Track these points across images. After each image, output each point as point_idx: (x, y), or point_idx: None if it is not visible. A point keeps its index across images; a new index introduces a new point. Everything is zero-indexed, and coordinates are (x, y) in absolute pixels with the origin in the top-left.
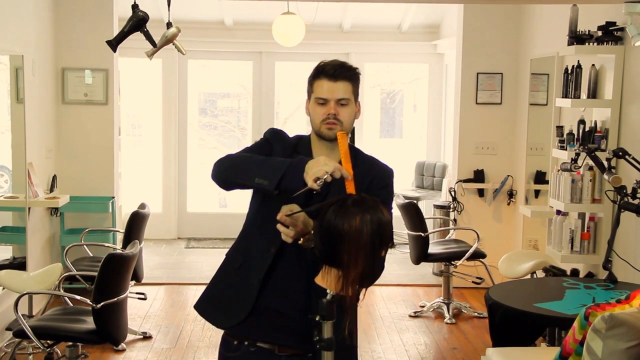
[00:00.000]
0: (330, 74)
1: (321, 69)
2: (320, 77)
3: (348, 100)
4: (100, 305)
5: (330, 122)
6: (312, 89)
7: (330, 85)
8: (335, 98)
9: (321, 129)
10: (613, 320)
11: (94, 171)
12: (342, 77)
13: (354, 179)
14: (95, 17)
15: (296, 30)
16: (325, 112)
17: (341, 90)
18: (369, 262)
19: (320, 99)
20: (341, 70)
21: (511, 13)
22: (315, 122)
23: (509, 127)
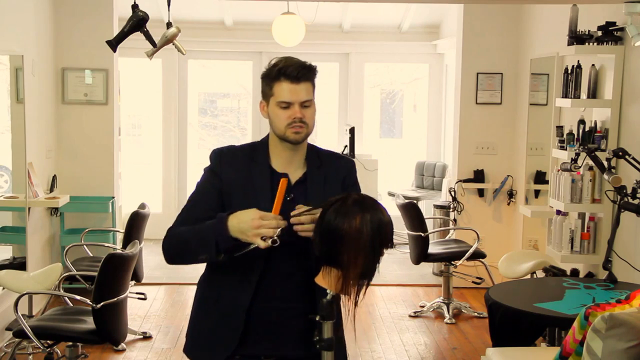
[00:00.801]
0: (293, 76)
1: (282, 71)
2: (281, 79)
3: (311, 101)
4: (100, 305)
5: (297, 125)
6: (272, 91)
7: (293, 88)
8: (299, 101)
9: (287, 133)
10: (613, 320)
11: (94, 171)
12: (305, 78)
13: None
14: (95, 17)
15: (296, 30)
16: (290, 116)
17: (304, 92)
18: (369, 262)
19: (283, 103)
20: (304, 72)
21: (511, 13)
22: (279, 127)
23: (509, 127)
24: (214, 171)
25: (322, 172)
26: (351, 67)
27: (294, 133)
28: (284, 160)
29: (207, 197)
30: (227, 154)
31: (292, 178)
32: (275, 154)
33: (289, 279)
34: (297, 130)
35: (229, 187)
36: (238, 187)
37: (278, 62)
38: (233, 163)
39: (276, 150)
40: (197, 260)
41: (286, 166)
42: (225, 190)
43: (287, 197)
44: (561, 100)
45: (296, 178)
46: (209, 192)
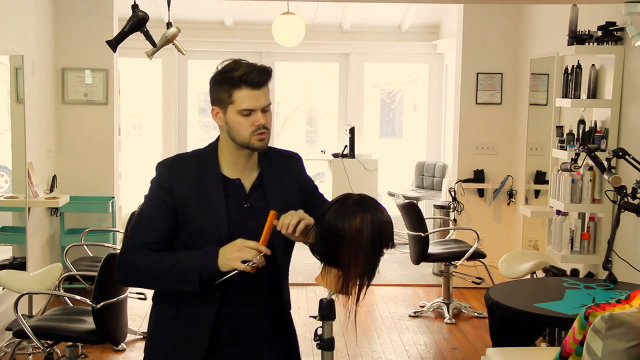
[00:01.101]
0: (256, 82)
1: (243, 79)
2: (241, 87)
3: (270, 105)
4: (100, 305)
5: (262, 132)
6: (232, 99)
7: (255, 94)
8: (261, 107)
9: (252, 141)
10: (613, 320)
11: (94, 171)
12: (264, 83)
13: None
14: (95, 17)
15: (296, 30)
16: (253, 123)
17: (264, 97)
18: (369, 262)
19: (245, 111)
20: (264, 77)
21: (511, 13)
22: (242, 135)
23: (509, 127)
24: (163, 187)
25: (275, 172)
26: (351, 67)
27: (258, 140)
28: (238, 167)
29: (161, 216)
30: (175, 167)
31: (246, 183)
32: (228, 162)
33: (251, 285)
34: (262, 137)
35: (183, 201)
36: (192, 199)
37: (234, 67)
38: (183, 175)
39: (230, 158)
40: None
41: (239, 172)
42: (179, 205)
43: (244, 205)
44: (561, 100)
45: (250, 183)
46: (161, 210)
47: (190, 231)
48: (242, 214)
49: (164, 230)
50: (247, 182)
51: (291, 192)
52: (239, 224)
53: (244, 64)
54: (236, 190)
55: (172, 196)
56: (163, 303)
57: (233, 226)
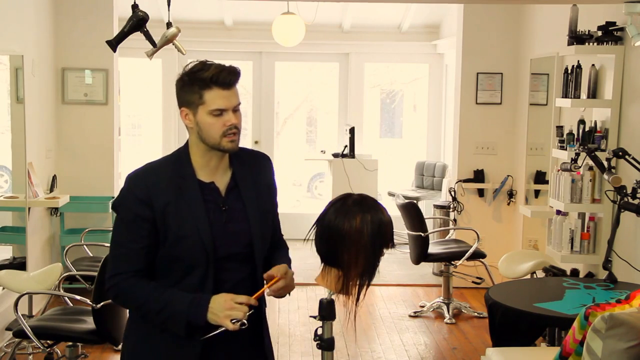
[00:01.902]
0: (226, 82)
1: (213, 79)
2: (212, 87)
3: (239, 104)
4: (100, 305)
5: (232, 132)
6: (202, 100)
7: (226, 94)
8: (232, 106)
9: (222, 142)
10: (613, 320)
11: (94, 171)
12: (234, 83)
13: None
14: (95, 17)
15: (296, 30)
16: (224, 123)
17: (235, 96)
18: (369, 262)
19: (217, 111)
20: (234, 77)
21: (511, 13)
22: (212, 136)
23: (509, 127)
24: (140, 199)
25: (248, 172)
26: (351, 67)
27: (229, 142)
28: (210, 169)
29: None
30: (149, 176)
31: (220, 186)
32: (200, 164)
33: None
34: (233, 138)
35: (162, 210)
36: (171, 207)
37: (203, 68)
38: (159, 183)
39: (202, 161)
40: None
41: (212, 175)
42: (159, 216)
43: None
44: (561, 100)
45: (224, 185)
46: (140, 229)
47: (173, 240)
48: (221, 217)
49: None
50: (222, 185)
51: (264, 191)
52: (219, 227)
53: (212, 64)
54: (213, 194)
55: (150, 208)
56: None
57: (215, 230)
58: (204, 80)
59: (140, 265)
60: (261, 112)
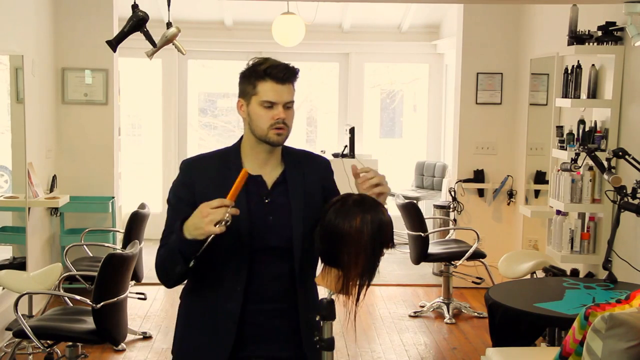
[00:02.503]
0: (280, 77)
1: (268, 71)
2: (266, 79)
3: (293, 103)
4: (100, 305)
5: (280, 126)
6: (256, 90)
7: (279, 89)
8: (283, 102)
9: (269, 134)
10: (613, 320)
11: (94, 171)
12: (289, 80)
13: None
14: (95, 17)
15: (296, 30)
16: (273, 117)
17: (288, 93)
18: (369, 262)
19: (267, 102)
20: (289, 74)
21: (511, 13)
22: (261, 127)
23: (509, 127)
24: (185, 185)
25: (300, 171)
26: (351, 67)
27: (276, 135)
28: (260, 162)
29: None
30: (197, 164)
31: (268, 180)
32: (250, 157)
33: (273, 281)
34: (279, 132)
35: (203, 196)
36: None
37: (262, 62)
38: (205, 171)
39: (252, 153)
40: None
41: (261, 168)
42: (200, 201)
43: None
44: (561, 100)
45: (273, 179)
46: (181, 211)
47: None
48: (263, 208)
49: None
50: (270, 179)
51: (314, 190)
52: (259, 219)
53: (271, 60)
54: (257, 186)
55: (192, 193)
56: (191, 299)
57: (253, 220)
58: (259, 72)
59: None
60: None
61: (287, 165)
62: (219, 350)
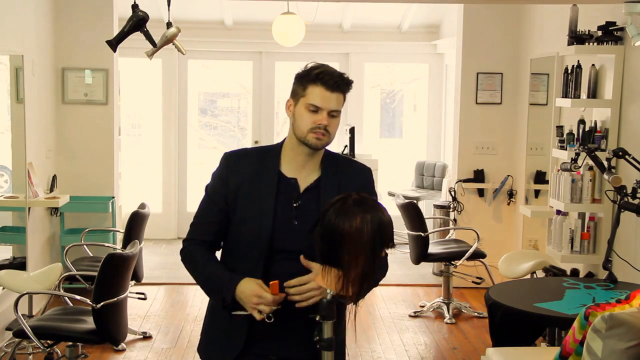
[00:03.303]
0: (330, 84)
1: (320, 76)
2: (317, 84)
3: (339, 112)
4: (100, 305)
5: (320, 132)
6: (305, 92)
7: (327, 95)
8: (329, 109)
9: (308, 137)
10: (613, 320)
11: (94, 171)
12: (340, 89)
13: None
14: (95, 17)
15: (296, 30)
16: (316, 121)
17: (335, 101)
18: (369, 262)
19: (313, 106)
20: (341, 83)
21: (511, 13)
22: (302, 129)
23: (509, 127)
24: (220, 177)
25: (337, 178)
26: (351, 67)
27: (315, 138)
28: (297, 165)
29: (213, 209)
30: (235, 159)
31: (302, 183)
32: (288, 158)
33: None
34: (319, 137)
35: (235, 191)
36: (244, 191)
37: (318, 67)
38: (240, 167)
39: (290, 154)
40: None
41: (298, 171)
42: (231, 195)
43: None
44: (561, 100)
45: (307, 184)
46: (214, 202)
47: (236, 222)
48: (290, 212)
49: (213, 224)
50: (304, 183)
51: None
52: (284, 221)
53: (327, 66)
54: (289, 189)
55: (226, 186)
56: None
57: (277, 223)
58: (312, 75)
59: (209, 237)
60: (261, 112)
61: (324, 170)
62: (232, 346)
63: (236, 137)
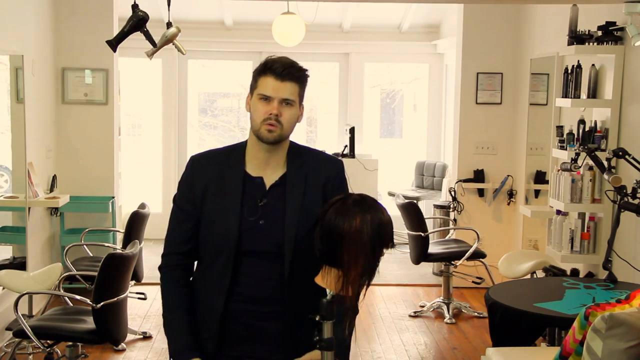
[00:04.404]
0: (279, 72)
1: (269, 66)
2: (266, 74)
3: (293, 101)
4: (100, 305)
5: (271, 123)
6: (256, 84)
7: (277, 84)
8: (279, 97)
9: (261, 129)
10: (613, 320)
11: (94, 171)
12: (290, 77)
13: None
14: (95, 17)
15: (296, 30)
16: (267, 111)
17: (287, 90)
18: (369, 262)
19: (263, 96)
20: (290, 70)
21: (511, 13)
22: (255, 121)
23: (509, 127)
24: (187, 182)
25: (303, 172)
26: (351, 67)
27: (267, 130)
28: (260, 162)
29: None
30: (200, 161)
31: (267, 181)
32: (251, 156)
33: (263, 282)
34: (270, 127)
35: (202, 194)
36: (210, 193)
37: (269, 58)
38: (206, 170)
39: (252, 152)
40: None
41: (261, 169)
42: (199, 198)
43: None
44: (561, 100)
45: (272, 181)
46: (184, 209)
47: (204, 224)
48: (256, 212)
49: (187, 231)
50: (270, 181)
51: (313, 194)
52: (250, 222)
53: (279, 57)
54: (255, 188)
55: (192, 191)
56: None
57: (244, 224)
58: (262, 66)
59: (185, 247)
60: None
61: (289, 166)
62: (208, 345)
63: (236, 137)
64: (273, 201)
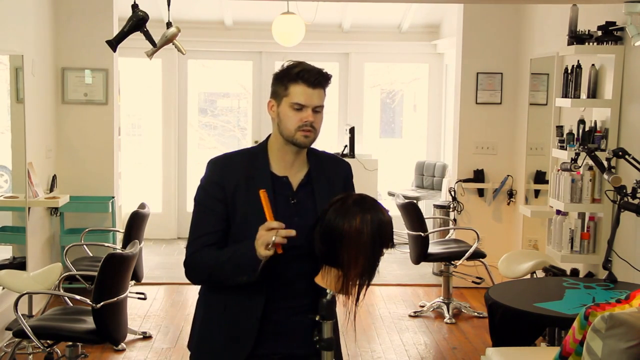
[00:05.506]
0: (311, 81)
1: (301, 75)
2: (298, 82)
3: (322, 107)
4: (100, 305)
5: (307, 129)
6: (287, 92)
7: (309, 92)
8: (313, 105)
9: (296, 135)
10: (613, 320)
11: (94, 171)
12: (321, 85)
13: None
14: (95, 17)
15: (296, 30)
16: (301, 119)
17: (318, 97)
18: (369, 262)
19: (297, 104)
20: (321, 79)
21: (511, 13)
22: (289, 128)
23: (509, 127)
24: (214, 182)
25: (323, 172)
26: (351, 67)
27: (303, 137)
28: (285, 164)
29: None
30: (225, 162)
31: (293, 181)
32: (276, 158)
33: (294, 279)
34: (307, 134)
35: (233, 195)
36: (241, 193)
37: (296, 65)
38: (233, 170)
39: (278, 154)
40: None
41: (287, 170)
42: (230, 198)
43: (291, 201)
44: (561, 100)
45: (298, 181)
46: (213, 209)
47: (238, 224)
48: (289, 209)
49: (217, 232)
50: (295, 180)
51: (337, 193)
52: (284, 219)
53: (306, 64)
54: (283, 187)
55: (223, 190)
56: (211, 296)
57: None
58: (292, 74)
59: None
60: (261, 112)
61: (311, 167)
62: (240, 347)
63: (236, 137)
64: (303, 199)
